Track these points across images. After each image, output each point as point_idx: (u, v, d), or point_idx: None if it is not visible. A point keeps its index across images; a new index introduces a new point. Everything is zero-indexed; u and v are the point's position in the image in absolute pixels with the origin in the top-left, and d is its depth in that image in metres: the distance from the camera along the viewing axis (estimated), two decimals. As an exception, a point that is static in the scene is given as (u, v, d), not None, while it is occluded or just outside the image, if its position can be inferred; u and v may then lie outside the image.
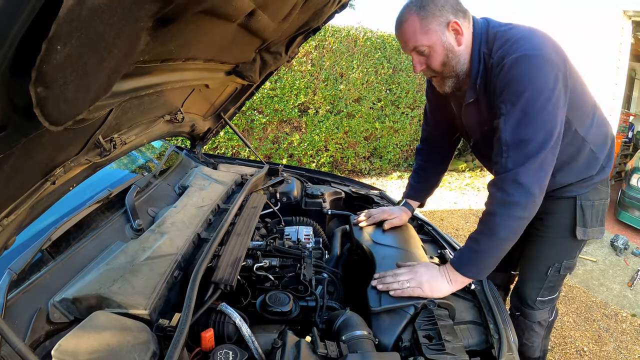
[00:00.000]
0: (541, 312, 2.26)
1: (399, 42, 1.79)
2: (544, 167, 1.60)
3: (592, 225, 2.06)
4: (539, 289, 2.19)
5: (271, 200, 2.60)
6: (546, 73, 1.56)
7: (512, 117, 1.59)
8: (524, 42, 1.60)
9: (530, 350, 2.37)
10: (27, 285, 1.27)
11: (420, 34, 1.66)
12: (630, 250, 5.26)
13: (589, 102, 1.89)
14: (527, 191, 1.59)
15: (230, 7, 1.18)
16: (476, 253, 1.69)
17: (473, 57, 1.74)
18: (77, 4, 0.53)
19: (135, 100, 1.52)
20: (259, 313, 1.51)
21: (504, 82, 1.60)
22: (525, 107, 1.56)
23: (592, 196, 2.03)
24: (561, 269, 2.13)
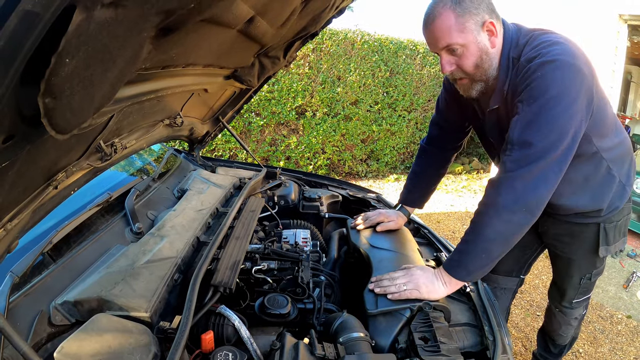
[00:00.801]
0: (578, 310, 2.43)
1: (427, 38, 1.67)
2: (545, 176, 1.54)
3: (615, 242, 2.09)
4: (574, 294, 2.33)
5: (269, 204, 2.62)
6: (571, 82, 1.51)
7: (523, 117, 1.54)
8: (556, 47, 1.55)
9: (561, 339, 2.58)
10: (28, 288, 1.28)
11: (455, 32, 1.56)
12: (626, 252, 5.28)
13: (611, 120, 1.84)
14: (519, 197, 1.55)
15: (230, 14, 1.20)
16: (465, 254, 1.66)
17: (502, 62, 1.68)
18: (85, 19, 0.56)
19: (136, 105, 1.54)
20: (257, 315, 1.53)
21: (526, 83, 1.54)
22: (539, 110, 1.51)
23: (615, 218, 2.04)
24: (591, 277, 2.24)
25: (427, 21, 1.62)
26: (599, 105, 1.68)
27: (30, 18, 0.51)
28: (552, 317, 2.57)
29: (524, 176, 1.54)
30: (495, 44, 1.65)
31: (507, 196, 1.56)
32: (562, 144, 1.53)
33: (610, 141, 1.85)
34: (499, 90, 1.71)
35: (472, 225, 1.66)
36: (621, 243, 2.13)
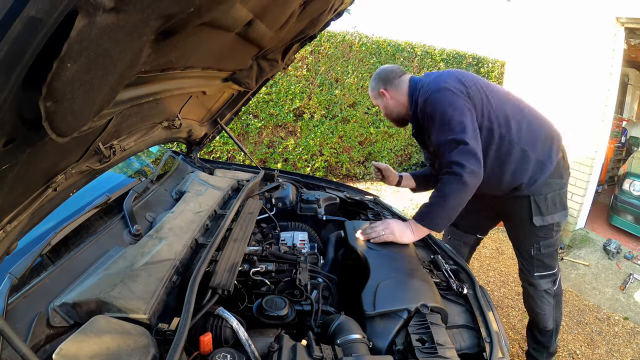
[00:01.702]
0: (544, 282, 2.74)
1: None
2: (472, 150, 2.13)
3: (551, 212, 2.52)
4: (532, 267, 2.72)
5: (267, 206, 2.63)
6: (446, 98, 2.23)
7: (435, 132, 2.26)
8: (431, 85, 2.31)
9: (544, 320, 2.83)
10: (27, 290, 1.28)
11: (372, 98, 2.65)
12: (623, 254, 5.30)
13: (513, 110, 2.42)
14: (464, 168, 2.10)
15: (230, 18, 1.21)
16: (431, 207, 2.18)
17: (410, 103, 2.45)
18: (87, 24, 0.56)
19: (135, 108, 1.54)
20: (255, 317, 1.53)
21: (425, 117, 2.32)
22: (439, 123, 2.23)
23: (543, 190, 2.48)
24: (541, 248, 2.63)
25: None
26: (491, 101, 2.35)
27: (34, 24, 0.52)
28: (526, 297, 2.90)
29: (460, 154, 2.13)
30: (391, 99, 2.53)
31: (458, 170, 2.11)
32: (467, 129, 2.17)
33: (517, 128, 2.40)
34: (411, 121, 2.55)
35: (436, 192, 2.19)
36: (560, 215, 2.55)
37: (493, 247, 5.48)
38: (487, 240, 5.58)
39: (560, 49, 5.89)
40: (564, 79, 5.87)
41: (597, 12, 5.43)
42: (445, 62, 8.54)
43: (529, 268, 2.73)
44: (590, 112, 5.56)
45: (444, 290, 1.88)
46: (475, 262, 4.95)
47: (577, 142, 5.70)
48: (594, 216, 6.42)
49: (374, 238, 2.08)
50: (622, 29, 5.40)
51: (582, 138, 5.64)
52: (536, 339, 2.97)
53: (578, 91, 5.68)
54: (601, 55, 5.43)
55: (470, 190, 2.15)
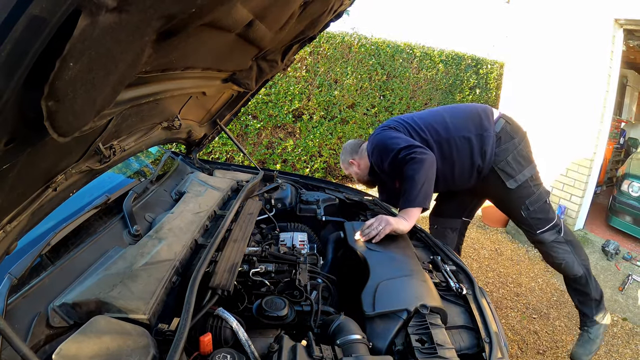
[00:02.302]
0: (549, 234, 2.83)
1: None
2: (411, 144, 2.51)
3: (519, 171, 2.71)
4: (531, 227, 2.84)
5: (266, 206, 2.63)
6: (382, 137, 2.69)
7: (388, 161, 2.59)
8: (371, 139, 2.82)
9: (569, 268, 2.88)
10: (27, 290, 1.28)
11: (344, 169, 3.08)
12: (621, 255, 5.30)
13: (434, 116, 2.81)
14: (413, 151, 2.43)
15: (230, 19, 1.21)
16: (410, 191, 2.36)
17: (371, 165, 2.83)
18: (90, 24, 0.57)
19: (135, 108, 1.54)
20: (255, 318, 1.53)
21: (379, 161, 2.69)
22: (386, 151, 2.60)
23: (501, 156, 2.69)
24: (528, 206, 2.78)
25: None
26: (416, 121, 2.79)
27: (37, 23, 0.52)
28: (544, 256, 2.99)
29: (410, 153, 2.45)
30: (360, 166, 2.94)
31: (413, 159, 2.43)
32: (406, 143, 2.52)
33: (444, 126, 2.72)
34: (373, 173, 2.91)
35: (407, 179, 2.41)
36: (529, 169, 2.74)
37: (492, 249, 5.49)
38: (486, 242, 5.58)
39: (559, 50, 5.90)
40: (563, 80, 5.88)
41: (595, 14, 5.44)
42: (444, 64, 8.56)
43: (529, 229, 2.86)
44: (588, 113, 5.57)
45: (443, 290, 1.88)
46: (474, 264, 4.95)
47: (575, 143, 5.72)
48: (592, 217, 6.43)
49: (374, 237, 2.14)
50: (620, 30, 5.41)
51: (580, 139, 5.66)
52: (576, 290, 3.01)
53: (577, 92, 5.69)
54: (600, 57, 5.44)
55: (429, 163, 2.42)
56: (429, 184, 2.40)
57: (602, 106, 5.48)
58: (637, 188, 5.75)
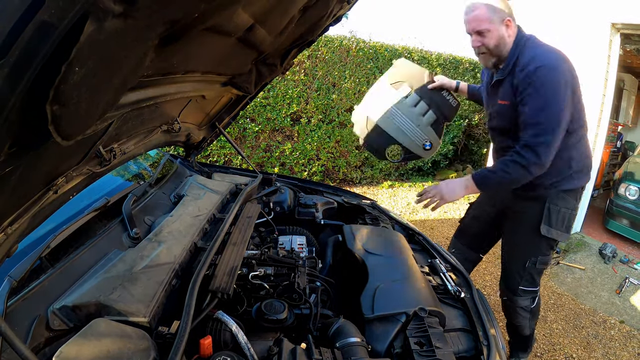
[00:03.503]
0: (523, 299, 2.76)
1: (465, 22, 2.36)
2: (552, 146, 2.22)
3: (557, 228, 2.55)
4: (520, 279, 2.70)
5: (265, 210, 2.63)
6: (559, 82, 2.18)
7: (531, 106, 2.22)
8: (547, 56, 2.25)
9: (519, 329, 2.92)
10: (26, 292, 1.28)
11: (486, 21, 2.27)
12: (619, 258, 5.32)
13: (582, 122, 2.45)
14: (538, 158, 2.21)
15: (232, 23, 1.22)
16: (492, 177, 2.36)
17: (511, 50, 2.34)
18: (96, 29, 0.57)
19: (136, 111, 1.55)
20: (254, 321, 1.54)
21: (527, 81, 2.22)
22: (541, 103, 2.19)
23: (559, 202, 2.53)
24: (537, 263, 2.63)
25: (467, 11, 2.32)
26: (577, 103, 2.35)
27: (46, 28, 0.53)
28: (504, 308, 2.97)
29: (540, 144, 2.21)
30: (511, 35, 2.33)
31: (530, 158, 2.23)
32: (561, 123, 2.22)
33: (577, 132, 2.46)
34: (505, 67, 2.39)
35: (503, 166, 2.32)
36: (563, 236, 2.57)
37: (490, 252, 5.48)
38: (484, 245, 5.58)
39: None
40: (560, 84, 5.89)
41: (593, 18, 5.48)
42: (442, 67, 8.58)
43: (517, 280, 2.73)
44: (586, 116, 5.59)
45: (441, 294, 1.89)
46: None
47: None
48: (589, 220, 6.45)
49: (426, 204, 2.45)
50: (617, 35, 5.45)
51: (577, 143, 5.66)
52: (516, 340, 3.10)
53: (574, 96, 5.70)
54: (597, 61, 5.47)
55: (532, 174, 2.29)
56: (508, 188, 2.45)
57: (599, 110, 5.51)
58: (634, 191, 5.78)
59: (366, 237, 2.21)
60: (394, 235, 2.30)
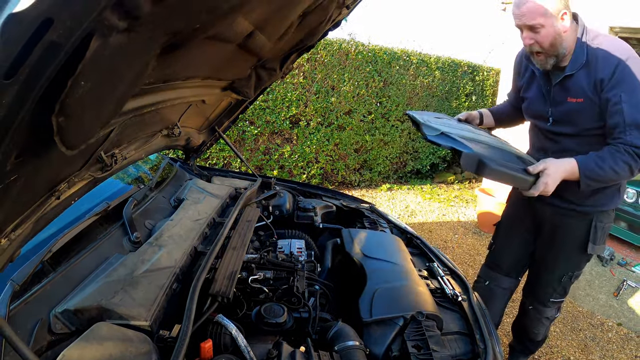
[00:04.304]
0: (550, 310, 2.69)
1: (516, 15, 2.11)
2: None
3: (600, 243, 2.41)
4: (552, 292, 2.60)
5: (264, 213, 2.64)
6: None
7: (632, 104, 1.99)
8: (627, 47, 2.09)
9: (534, 335, 2.85)
10: (28, 296, 1.29)
11: (539, 15, 2.02)
12: (616, 260, 5.34)
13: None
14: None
15: (232, 31, 1.24)
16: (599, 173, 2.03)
17: (577, 44, 2.14)
18: (101, 45, 0.59)
19: (137, 117, 1.56)
20: (254, 324, 1.55)
21: (621, 76, 2.02)
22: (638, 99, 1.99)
23: (605, 219, 2.38)
24: (572, 277, 2.53)
25: (518, 3, 2.08)
26: None
27: (54, 47, 0.54)
28: (525, 315, 2.85)
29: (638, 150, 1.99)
30: (567, 30, 2.10)
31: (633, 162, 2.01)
32: None
33: None
34: (576, 60, 2.16)
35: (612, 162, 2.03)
36: (603, 249, 2.46)
37: (488, 254, 5.50)
38: (482, 248, 5.60)
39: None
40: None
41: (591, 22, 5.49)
42: (440, 71, 8.61)
43: (549, 292, 2.62)
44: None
45: (439, 297, 1.90)
46: (469, 270, 4.97)
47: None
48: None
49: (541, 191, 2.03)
50: (615, 38, 5.46)
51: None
52: (524, 345, 3.02)
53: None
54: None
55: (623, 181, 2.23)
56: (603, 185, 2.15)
57: (597, 113, 5.51)
58: (631, 194, 5.79)
59: (364, 241, 2.22)
60: (392, 239, 2.31)
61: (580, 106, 2.19)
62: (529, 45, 2.15)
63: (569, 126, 2.29)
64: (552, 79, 2.30)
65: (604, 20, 5.37)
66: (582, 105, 2.18)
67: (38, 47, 0.52)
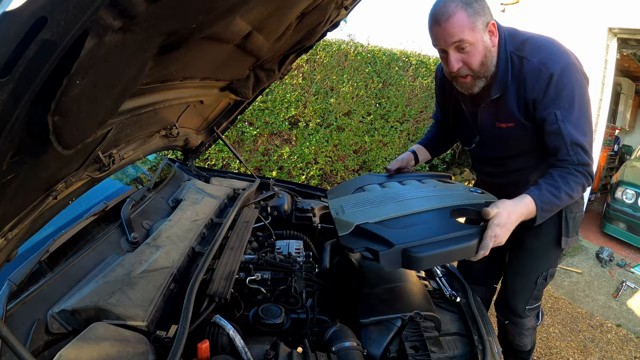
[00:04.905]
0: (529, 319, 2.43)
1: (436, 34, 1.75)
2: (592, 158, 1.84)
3: (572, 235, 2.22)
4: (528, 299, 2.34)
5: (262, 214, 2.64)
6: (582, 81, 1.80)
7: (570, 123, 1.77)
8: (559, 51, 1.80)
9: (521, 347, 2.56)
10: (26, 296, 1.29)
11: (467, 30, 1.68)
12: (615, 261, 5.34)
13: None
14: (591, 175, 1.84)
15: (229, 31, 1.24)
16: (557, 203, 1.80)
17: (500, 55, 1.83)
18: (97, 44, 0.59)
19: (134, 117, 1.56)
20: (251, 325, 1.55)
21: (555, 91, 1.75)
22: (577, 114, 1.78)
23: (574, 208, 2.19)
24: (547, 276, 2.30)
25: (439, 18, 1.69)
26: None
27: (48, 46, 0.54)
28: (504, 332, 2.58)
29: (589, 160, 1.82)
30: (496, 43, 1.80)
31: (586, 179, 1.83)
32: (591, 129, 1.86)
33: None
34: (500, 80, 1.86)
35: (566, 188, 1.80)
36: (575, 240, 2.25)
37: (487, 255, 5.50)
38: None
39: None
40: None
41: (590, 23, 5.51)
42: (439, 71, 8.59)
43: (522, 300, 2.36)
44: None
45: (437, 298, 1.90)
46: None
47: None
48: (586, 224, 6.47)
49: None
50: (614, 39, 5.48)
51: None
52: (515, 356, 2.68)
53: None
54: (594, 65, 5.50)
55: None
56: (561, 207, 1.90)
57: (596, 114, 5.53)
58: (630, 195, 5.80)
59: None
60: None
61: (512, 131, 1.97)
62: (456, 69, 1.80)
63: (503, 151, 2.11)
64: (477, 102, 2.02)
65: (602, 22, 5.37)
66: (513, 129, 1.96)
67: (32, 45, 0.52)
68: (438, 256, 1.50)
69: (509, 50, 1.83)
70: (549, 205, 1.79)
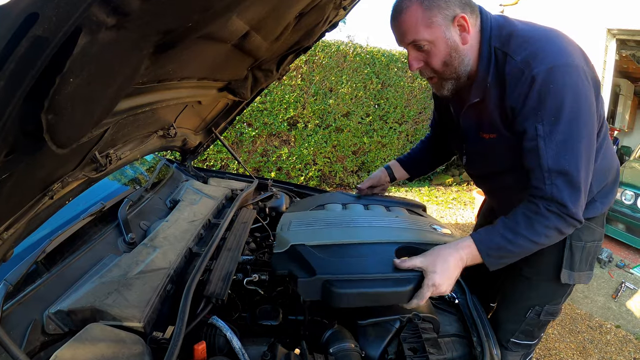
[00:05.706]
0: (512, 355, 1.99)
1: (394, 34, 1.56)
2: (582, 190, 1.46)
3: (580, 270, 1.80)
4: (514, 331, 1.94)
5: (260, 215, 2.63)
6: (581, 88, 1.40)
7: (553, 142, 1.41)
8: (552, 48, 1.44)
9: None
10: (22, 297, 1.29)
11: (422, 27, 1.45)
12: (615, 262, 5.35)
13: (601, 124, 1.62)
14: (573, 218, 1.47)
15: (226, 31, 1.23)
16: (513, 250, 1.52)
17: (482, 53, 1.53)
18: (90, 41, 0.58)
19: (131, 117, 1.56)
20: (249, 326, 1.54)
21: (537, 98, 1.40)
22: (565, 131, 1.40)
23: (584, 236, 1.76)
24: (542, 313, 1.88)
25: (394, 14, 1.51)
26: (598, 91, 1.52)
27: (40, 42, 0.54)
28: None
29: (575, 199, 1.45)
30: (468, 40, 1.51)
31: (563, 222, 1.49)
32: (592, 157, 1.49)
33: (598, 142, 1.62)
34: (480, 82, 1.57)
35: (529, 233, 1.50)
36: (586, 276, 1.83)
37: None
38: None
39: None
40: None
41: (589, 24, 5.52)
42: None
43: (507, 331, 1.96)
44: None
45: (435, 299, 1.89)
46: (467, 271, 4.97)
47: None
48: (585, 226, 6.46)
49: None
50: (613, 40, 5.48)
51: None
52: None
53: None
54: (593, 67, 5.50)
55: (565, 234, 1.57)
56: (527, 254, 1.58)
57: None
58: (629, 196, 5.80)
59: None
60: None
61: (495, 143, 1.65)
62: (416, 69, 1.58)
63: (489, 166, 1.81)
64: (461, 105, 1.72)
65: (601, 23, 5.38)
66: (497, 141, 1.64)
67: (24, 41, 0.51)
68: (361, 296, 1.42)
69: (492, 45, 1.52)
70: (497, 252, 1.53)
